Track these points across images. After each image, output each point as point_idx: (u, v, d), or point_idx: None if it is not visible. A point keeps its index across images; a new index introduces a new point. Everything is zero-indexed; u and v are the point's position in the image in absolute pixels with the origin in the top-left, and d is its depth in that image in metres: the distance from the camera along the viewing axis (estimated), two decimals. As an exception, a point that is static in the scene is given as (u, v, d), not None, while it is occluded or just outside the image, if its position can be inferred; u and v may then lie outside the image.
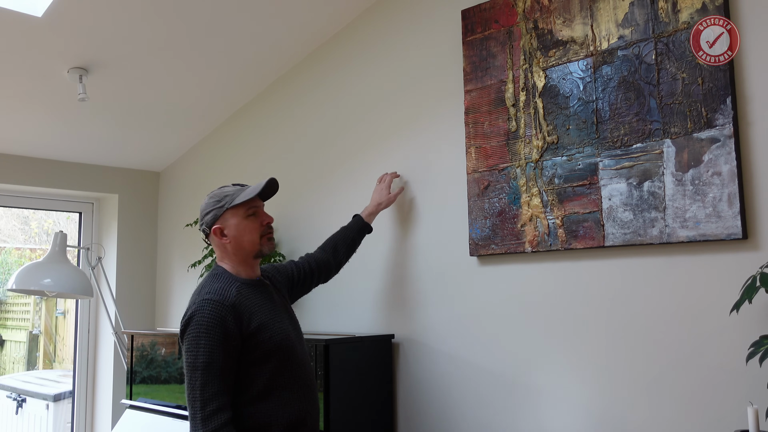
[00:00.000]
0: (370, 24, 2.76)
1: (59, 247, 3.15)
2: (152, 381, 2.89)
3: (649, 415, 1.89)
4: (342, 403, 2.27)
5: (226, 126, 3.45)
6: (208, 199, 1.91)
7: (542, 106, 2.15)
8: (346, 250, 2.39)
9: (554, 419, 2.08)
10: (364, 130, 2.73)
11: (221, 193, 1.90)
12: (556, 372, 2.08)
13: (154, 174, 3.92)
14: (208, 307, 1.74)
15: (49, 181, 3.52)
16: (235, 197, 1.89)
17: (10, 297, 4.31)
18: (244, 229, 1.89)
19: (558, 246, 2.07)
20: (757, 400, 1.67)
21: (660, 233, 1.87)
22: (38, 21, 2.43)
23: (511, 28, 2.24)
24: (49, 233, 4.24)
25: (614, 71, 2.00)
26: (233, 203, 1.88)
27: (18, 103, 2.98)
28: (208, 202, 1.90)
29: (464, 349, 2.31)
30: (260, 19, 2.68)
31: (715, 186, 1.79)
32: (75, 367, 3.77)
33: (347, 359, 2.32)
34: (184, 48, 2.78)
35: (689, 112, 1.85)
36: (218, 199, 1.89)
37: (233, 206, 1.88)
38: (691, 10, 1.86)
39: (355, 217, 2.45)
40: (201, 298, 1.77)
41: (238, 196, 1.89)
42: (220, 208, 1.88)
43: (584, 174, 2.03)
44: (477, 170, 2.29)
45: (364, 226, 2.43)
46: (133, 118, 3.27)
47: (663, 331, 1.88)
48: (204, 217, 1.90)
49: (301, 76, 3.04)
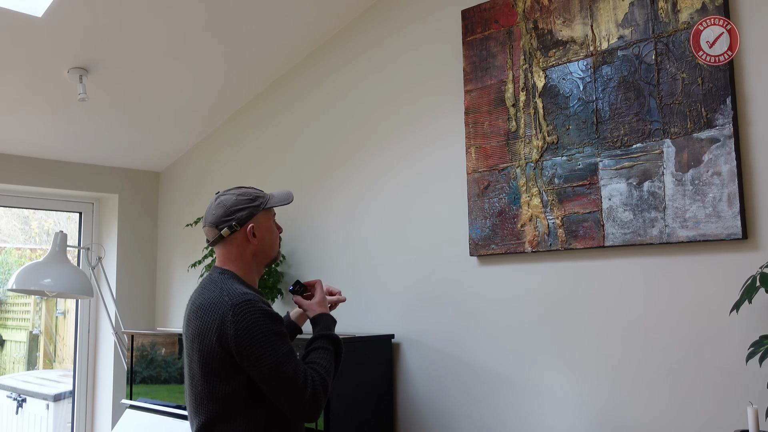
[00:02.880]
0: (370, 24, 2.76)
1: (59, 247, 3.15)
2: (152, 381, 2.89)
3: (649, 415, 1.89)
4: (342, 403, 2.27)
5: (226, 126, 3.45)
6: (237, 196, 1.81)
7: (542, 106, 2.15)
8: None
9: (554, 419, 2.08)
10: (364, 129, 2.73)
11: (251, 193, 1.83)
12: (556, 372, 2.08)
13: (154, 174, 3.92)
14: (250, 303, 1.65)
15: (49, 181, 3.52)
16: (268, 200, 1.83)
17: (10, 297, 4.31)
18: (273, 233, 1.85)
19: (558, 246, 2.07)
20: (757, 400, 1.67)
21: (660, 233, 1.87)
22: (38, 21, 2.43)
23: (511, 28, 2.24)
24: (49, 233, 4.24)
25: (614, 71, 2.00)
26: (268, 205, 1.83)
27: (18, 103, 2.98)
28: (239, 199, 1.80)
29: (464, 349, 2.31)
30: (260, 20, 2.68)
31: (715, 186, 1.79)
32: (75, 367, 3.78)
33: (347, 359, 2.32)
34: (184, 48, 2.78)
35: (689, 112, 1.85)
36: (251, 197, 1.81)
37: (267, 208, 1.83)
38: (691, 10, 1.86)
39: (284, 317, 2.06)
40: (236, 301, 1.64)
41: (270, 199, 1.84)
42: (256, 206, 1.80)
43: (584, 174, 2.03)
44: (477, 170, 2.29)
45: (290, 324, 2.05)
46: (133, 118, 3.27)
47: (663, 331, 1.88)
48: (235, 213, 1.77)
49: (301, 76, 3.04)
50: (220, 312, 1.65)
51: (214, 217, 1.80)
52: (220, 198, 1.83)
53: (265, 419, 1.68)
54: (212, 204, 1.83)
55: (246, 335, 1.61)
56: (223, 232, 1.78)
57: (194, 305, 1.75)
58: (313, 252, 2.87)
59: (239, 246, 1.80)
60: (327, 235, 2.84)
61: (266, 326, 1.63)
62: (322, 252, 2.84)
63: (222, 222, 1.79)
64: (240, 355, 1.62)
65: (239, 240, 1.79)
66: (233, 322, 1.62)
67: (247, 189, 1.85)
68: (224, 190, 1.86)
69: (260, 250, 1.82)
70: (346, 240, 2.75)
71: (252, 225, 1.79)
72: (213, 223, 1.80)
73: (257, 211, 1.80)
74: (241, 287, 1.71)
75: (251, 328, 1.62)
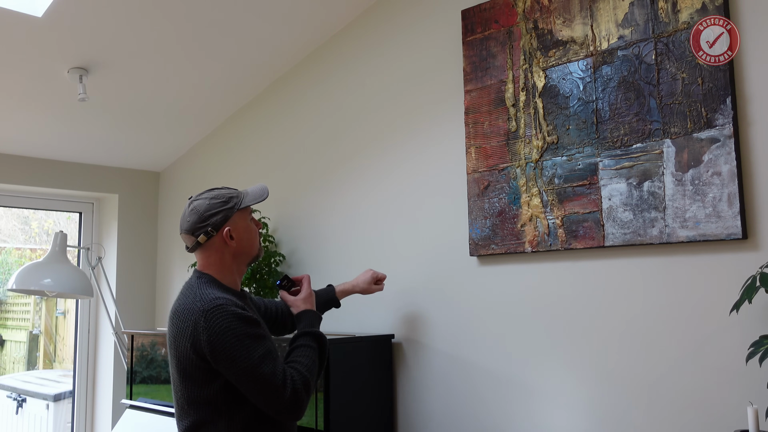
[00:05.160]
0: (370, 24, 2.76)
1: (59, 247, 3.15)
2: (152, 381, 2.89)
3: (649, 415, 1.89)
4: (342, 403, 2.27)
5: (226, 126, 3.45)
6: (209, 200, 1.77)
7: (542, 106, 2.15)
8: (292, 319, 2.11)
9: (554, 419, 2.08)
10: (364, 130, 2.73)
11: (224, 194, 1.79)
12: (556, 372, 2.08)
13: (154, 174, 3.92)
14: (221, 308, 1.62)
15: (49, 181, 3.52)
16: (243, 198, 1.80)
17: (10, 297, 4.31)
18: (251, 232, 1.82)
19: (558, 246, 2.07)
20: (757, 400, 1.67)
21: (660, 233, 1.87)
22: (38, 21, 2.43)
23: (511, 28, 2.24)
24: (49, 233, 4.24)
25: (614, 71, 2.00)
26: (242, 205, 1.79)
27: (18, 103, 2.98)
28: (212, 203, 1.76)
29: (464, 349, 2.31)
30: (260, 20, 2.68)
31: (715, 186, 1.79)
32: (75, 367, 3.78)
33: (347, 359, 2.32)
34: (184, 48, 2.78)
35: (689, 112, 1.85)
36: (224, 199, 1.77)
37: (242, 208, 1.79)
38: (691, 10, 1.86)
39: (328, 287, 2.27)
40: (208, 306, 1.62)
41: (246, 197, 1.80)
42: (230, 209, 1.76)
43: (584, 174, 2.03)
44: (477, 170, 2.29)
45: (333, 300, 2.23)
46: (133, 118, 3.27)
47: (663, 330, 1.88)
48: (209, 218, 1.74)
49: (301, 76, 3.04)
50: (192, 318, 1.63)
51: (189, 224, 1.77)
52: (193, 204, 1.78)
53: (247, 422, 1.66)
54: (186, 210, 1.79)
55: (219, 340, 1.59)
56: (200, 238, 1.75)
57: (172, 310, 1.73)
58: (313, 252, 2.87)
59: (218, 250, 1.77)
60: (327, 235, 2.83)
61: (239, 329, 1.61)
62: (322, 252, 2.84)
63: (197, 228, 1.75)
64: (215, 360, 1.61)
65: (217, 244, 1.76)
66: (205, 328, 1.60)
67: (220, 191, 1.81)
68: (197, 195, 1.81)
69: (240, 251, 1.79)
70: (346, 240, 2.75)
71: (228, 228, 1.76)
72: (188, 230, 1.77)
73: (232, 213, 1.77)
74: (216, 292, 1.68)
75: (224, 332, 1.60)
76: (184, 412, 1.70)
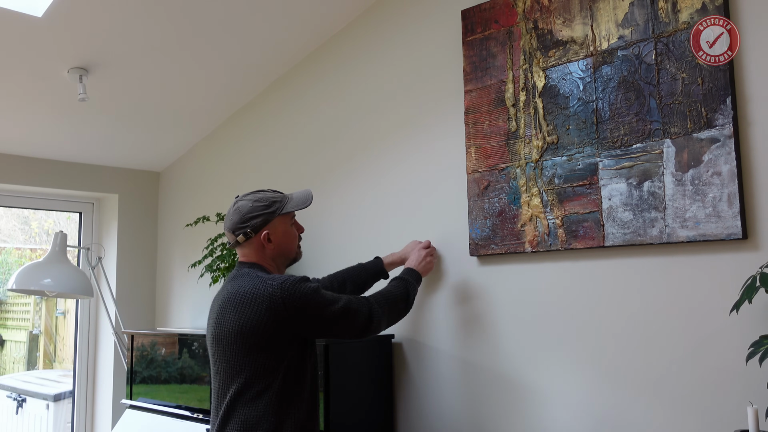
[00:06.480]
0: (370, 24, 2.76)
1: (59, 247, 3.15)
2: (152, 381, 2.89)
3: (648, 415, 1.89)
4: (342, 403, 2.27)
5: (226, 126, 3.45)
6: (253, 202, 1.87)
7: (542, 106, 2.15)
8: (353, 289, 2.33)
9: (554, 419, 2.08)
10: (364, 130, 2.73)
11: (268, 198, 1.89)
12: (556, 372, 2.09)
13: (154, 174, 3.92)
14: (291, 277, 1.77)
15: (49, 181, 3.52)
16: (285, 204, 1.90)
17: (10, 297, 4.31)
18: (289, 237, 1.93)
19: (558, 246, 2.07)
20: (757, 400, 1.67)
21: (660, 233, 1.87)
22: (38, 21, 2.43)
23: (511, 28, 2.24)
24: (49, 233, 4.24)
25: (614, 71, 2.00)
26: (284, 210, 1.89)
27: (18, 103, 2.98)
28: (255, 206, 1.86)
29: (464, 349, 2.31)
30: (260, 19, 2.68)
31: (715, 186, 1.79)
32: (75, 367, 3.78)
33: (347, 359, 2.32)
34: (184, 48, 2.78)
35: (689, 112, 1.85)
36: (267, 203, 1.87)
37: (283, 213, 1.89)
38: (691, 10, 1.86)
39: (376, 260, 2.39)
40: (281, 280, 1.76)
41: (288, 203, 1.90)
42: (271, 213, 1.87)
43: (584, 174, 2.03)
44: (477, 170, 2.29)
45: (381, 271, 2.37)
46: (133, 118, 3.27)
47: (663, 331, 1.88)
48: (250, 220, 1.85)
49: (301, 76, 3.04)
50: (267, 292, 1.74)
51: (231, 223, 1.88)
52: (237, 204, 1.89)
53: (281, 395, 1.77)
54: (230, 209, 1.91)
55: (301, 299, 1.74)
56: (239, 238, 1.87)
57: (230, 294, 1.80)
58: (313, 252, 2.87)
59: (257, 249, 1.88)
60: (327, 235, 2.84)
61: (313, 287, 1.78)
62: (322, 252, 2.84)
63: (238, 228, 1.87)
64: (300, 316, 1.74)
65: (255, 245, 1.87)
66: (283, 296, 1.74)
67: (264, 194, 1.90)
68: (243, 195, 1.92)
69: (277, 253, 1.90)
70: (346, 240, 2.75)
71: (266, 232, 1.86)
72: (230, 229, 1.89)
73: (272, 218, 1.87)
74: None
75: (305, 293, 1.75)
76: (229, 384, 1.78)
